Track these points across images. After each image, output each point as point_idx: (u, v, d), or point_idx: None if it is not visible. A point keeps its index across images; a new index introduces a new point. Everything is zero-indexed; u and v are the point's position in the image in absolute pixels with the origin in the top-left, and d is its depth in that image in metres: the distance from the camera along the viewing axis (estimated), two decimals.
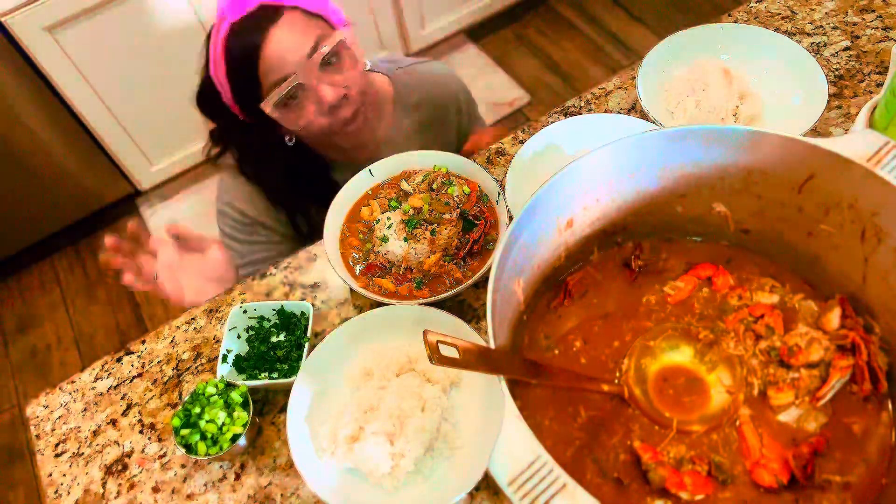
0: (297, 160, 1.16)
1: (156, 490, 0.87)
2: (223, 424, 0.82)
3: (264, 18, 0.97)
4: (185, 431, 0.82)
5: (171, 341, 1.00)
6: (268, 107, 0.98)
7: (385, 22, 2.49)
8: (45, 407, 0.96)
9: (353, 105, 1.04)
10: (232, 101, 1.02)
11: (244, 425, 0.83)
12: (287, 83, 0.97)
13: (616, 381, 0.76)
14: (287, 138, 1.07)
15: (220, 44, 0.98)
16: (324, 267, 1.04)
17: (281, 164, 1.14)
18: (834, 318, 0.74)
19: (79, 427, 0.94)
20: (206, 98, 1.06)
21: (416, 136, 1.24)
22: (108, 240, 0.96)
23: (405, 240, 0.94)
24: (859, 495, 0.66)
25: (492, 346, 0.63)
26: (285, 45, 0.96)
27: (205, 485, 0.86)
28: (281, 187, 1.16)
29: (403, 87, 1.22)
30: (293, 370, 0.88)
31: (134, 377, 0.97)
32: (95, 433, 0.93)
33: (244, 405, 0.84)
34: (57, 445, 0.93)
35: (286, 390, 0.86)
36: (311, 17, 1.01)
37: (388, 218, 0.97)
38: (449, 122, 1.28)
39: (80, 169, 2.28)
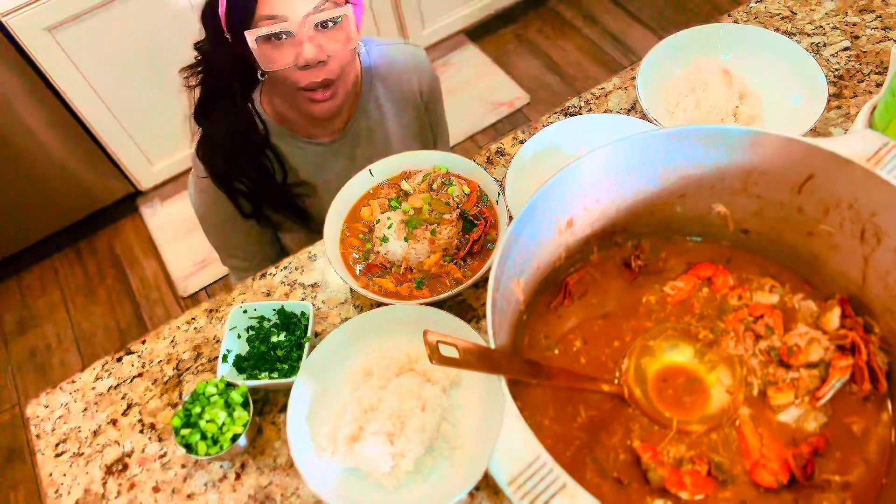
0: (242, 123, 1.15)
1: (156, 490, 0.87)
2: (223, 424, 0.82)
3: None
4: (185, 431, 0.82)
5: (172, 341, 1.00)
6: (252, 36, 0.98)
7: (385, 22, 2.49)
8: (46, 407, 0.97)
9: (327, 74, 1.04)
10: (224, 15, 1.02)
11: (244, 425, 0.83)
12: (279, 26, 0.97)
13: (616, 381, 0.76)
14: (259, 72, 1.07)
15: None
16: (324, 267, 1.04)
17: (232, 116, 1.13)
18: (833, 318, 0.74)
19: (79, 427, 0.94)
20: (211, 7, 1.06)
21: (387, 110, 1.24)
22: None
23: (405, 240, 0.94)
24: (859, 495, 0.66)
25: (492, 346, 0.63)
26: None
27: (205, 484, 0.86)
28: (221, 147, 1.16)
29: (372, 64, 1.22)
30: (293, 370, 0.88)
31: (134, 377, 0.97)
32: (96, 433, 0.93)
33: (244, 405, 0.84)
34: (57, 445, 0.93)
35: (286, 390, 0.86)
36: None
37: (388, 218, 0.97)
38: (411, 106, 1.28)
39: (80, 169, 2.28)
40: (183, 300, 2.30)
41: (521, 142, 1.12)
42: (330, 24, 1.00)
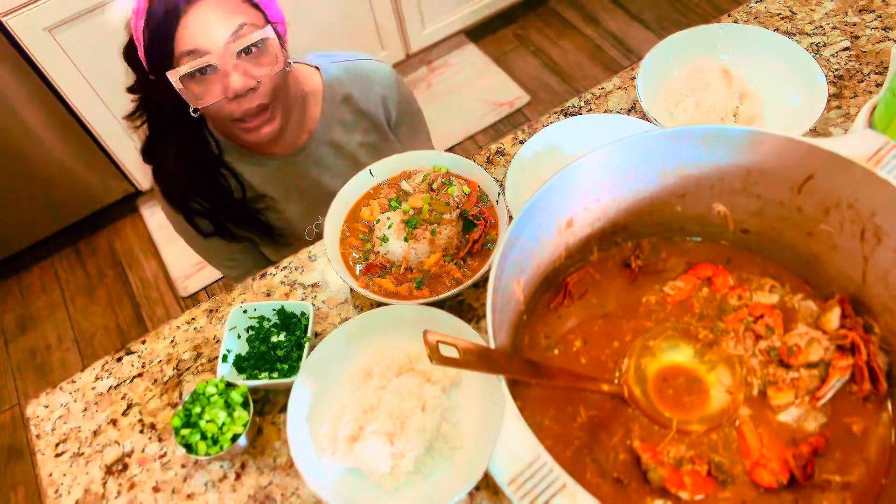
0: (194, 145, 1.14)
1: (156, 490, 0.87)
2: (223, 424, 0.82)
3: None
4: (185, 431, 0.82)
5: (172, 341, 1.00)
6: (174, 76, 0.96)
7: (385, 22, 2.49)
8: (46, 407, 0.97)
9: (260, 99, 1.01)
10: (144, 58, 1.00)
11: (244, 425, 0.83)
12: (201, 60, 0.95)
13: (616, 381, 0.76)
14: (192, 109, 1.04)
15: None
16: (324, 267, 1.04)
17: (182, 140, 1.12)
18: (833, 318, 0.74)
19: (79, 427, 0.94)
20: (133, 50, 1.03)
21: (351, 127, 1.23)
22: None
23: (405, 240, 0.94)
24: (859, 495, 0.66)
25: (492, 346, 0.63)
26: (208, 21, 0.94)
27: (205, 484, 0.86)
28: (173, 172, 1.15)
29: (334, 79, 1.21)
30: (293, 370, 0.88)
31: (134, 377, 0.97)
32: (96, 433, 0.93)
33: (244, 405, 0.84)
34: (57, 445, 0.93)
35: (286, 390, 0.86)
36: (245, 1, 0.98)
37: (388, 218, 0.97)
38: (376, 119, 1.26)
39: (80, 169, 2.28)
40: (183, 300, 2.30)
41: (521, 142, 1.12)
42: (253, 49, 0.98)
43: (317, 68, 1.21)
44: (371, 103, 1.24)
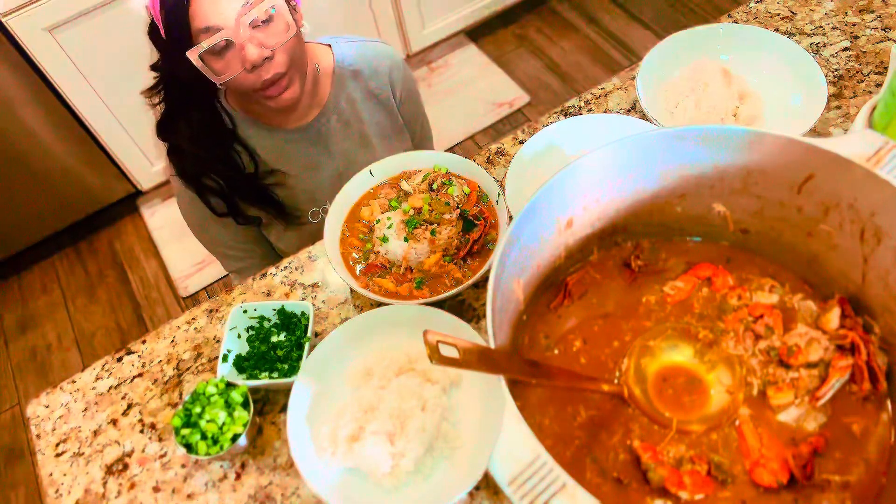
0: (208, 120, 1.17)
1: (156, 490, 0.87)
2: (223, 424, 0.83)
3: None
4: (185, 431, 0.82)
5: (172, 341, 1.00)
6: (194, 55, 1.00)
7: (385, 22, 2.49)
8: (46, 407, 0.97)
9: (277, 68, 1.04)
10: (165, 38, 1.03)
11: (244, 425, 0.83)
12: (216, 36, 0.98)
13: (616, 380, 0.76)
14: (218, 83, 1.08)
15: None
16: (324, 267, 1.04)
17: (197, 116, 1.15)
18: (833, 318, 0.74)
19: (79, 427, 0.94)
20: (156, 28, 1.07)
21: (360, 104, 1.27)
22: None
23: (405, 240, 0.95)
24: (859, 495, 0.66)
25: (492, 346, 0.63)
26: None
27: (205, 484, 0.86)
28: (188, 147, 1.17)
29: (345, 58, 1.25)
30: (293, 370, 0.89)
31: (134, 377, 0.97)
32: (96, 433, 0.93)
33: (244, 405, 0.84)
34: (57, 445, 0.93)
35: (286, 390, 0.86)
36: None
37: (389, 218, 0.97)
38: (384, 101, 1.30)
39: (80, 169, 2.28)
40: (183, 300, 2.30)
41: (521, 142, 1.12)
42: (265, 19, 1.00)
43: (328, 46, 1.24)
44: (379, 83, 1.27)
